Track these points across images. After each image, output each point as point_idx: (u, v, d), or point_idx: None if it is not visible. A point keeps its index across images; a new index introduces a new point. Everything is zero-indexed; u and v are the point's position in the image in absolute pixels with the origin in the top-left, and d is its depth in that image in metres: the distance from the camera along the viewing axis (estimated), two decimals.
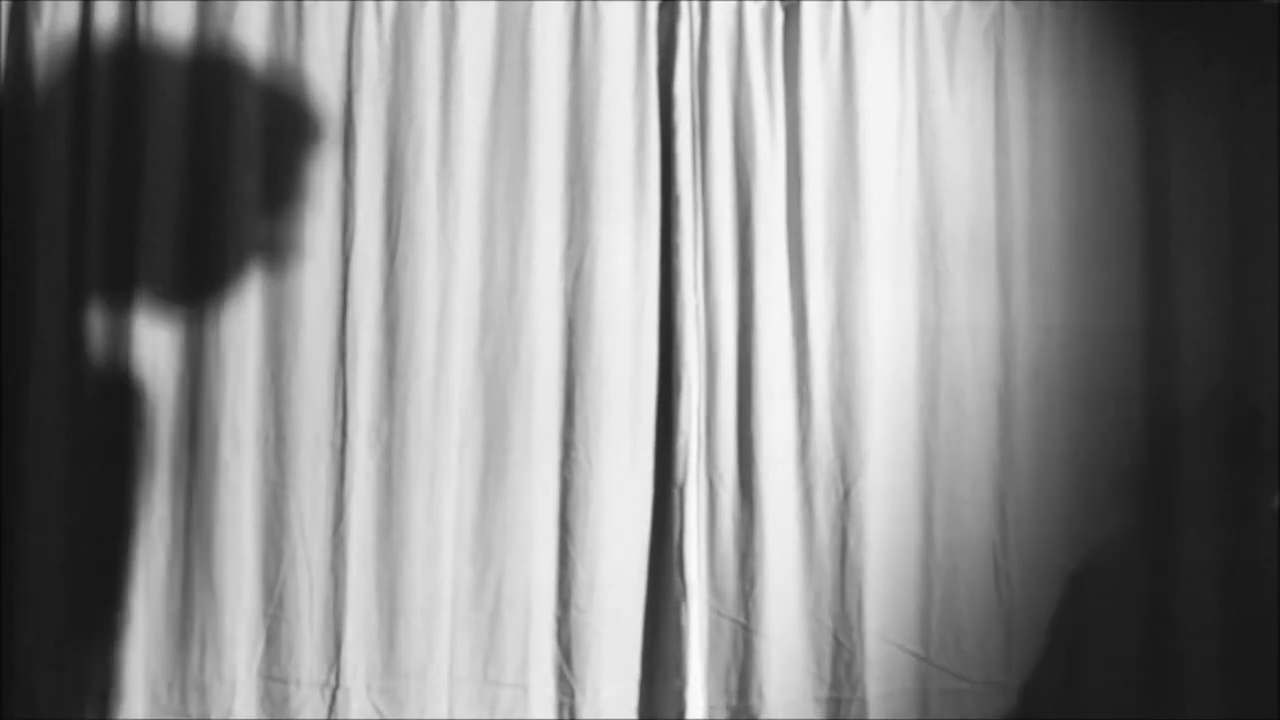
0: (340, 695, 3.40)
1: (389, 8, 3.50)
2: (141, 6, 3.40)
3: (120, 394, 3.34)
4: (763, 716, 3.53)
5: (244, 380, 3.39)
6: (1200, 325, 3.78)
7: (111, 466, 3.34)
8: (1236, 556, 3.76)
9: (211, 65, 3.41)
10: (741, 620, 3.55)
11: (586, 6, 3.57)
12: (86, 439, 3.34)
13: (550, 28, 3.55)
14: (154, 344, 3.37)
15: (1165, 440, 3.75)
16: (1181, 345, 3.76)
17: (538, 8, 3.54)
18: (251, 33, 3.43)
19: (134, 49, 3.39)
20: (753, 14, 3.64)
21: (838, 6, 3.68)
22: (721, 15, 3.63)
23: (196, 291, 3.40)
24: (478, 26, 3.52)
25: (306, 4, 3.46)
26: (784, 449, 3.59)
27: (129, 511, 3.33)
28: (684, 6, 3.61)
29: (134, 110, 3.39)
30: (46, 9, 3.38)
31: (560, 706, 3.49)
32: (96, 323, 3.36)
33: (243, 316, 3.40)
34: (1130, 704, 3.69)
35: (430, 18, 3.50)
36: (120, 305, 3.36)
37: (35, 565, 3.29)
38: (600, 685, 3.49)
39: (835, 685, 3.59)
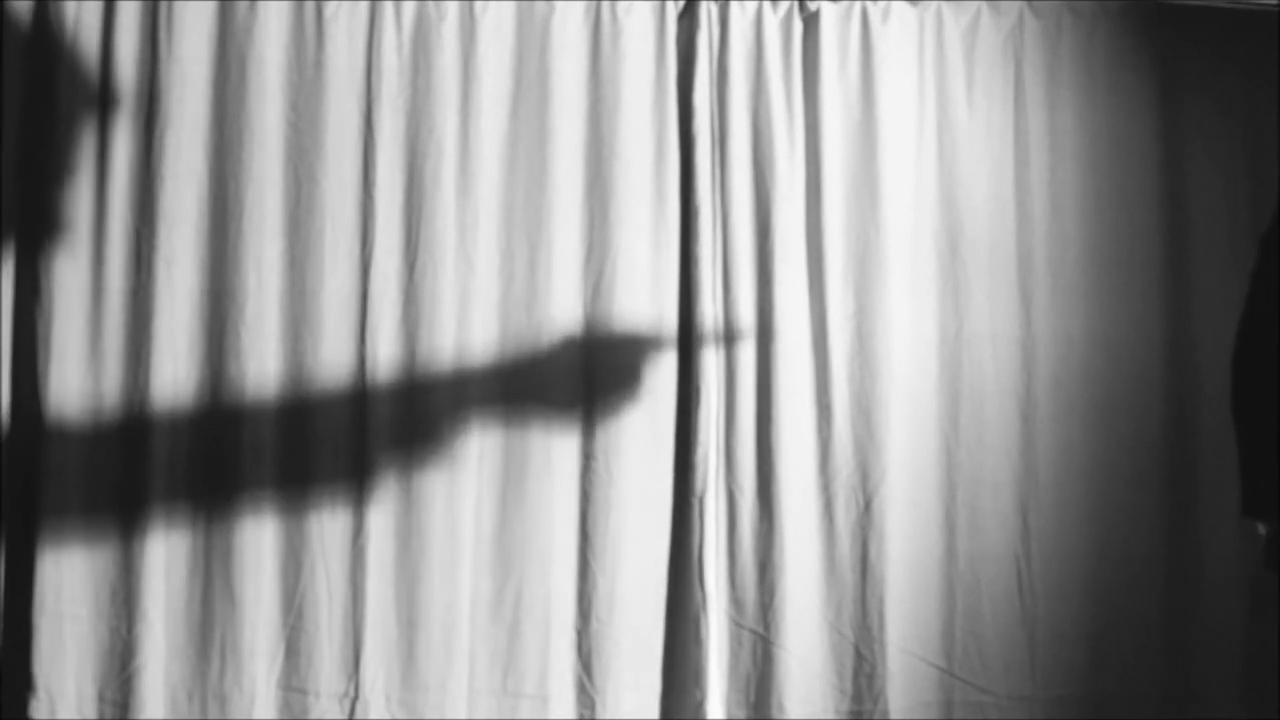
0: (359, 706, 3.39)
1: (408, 19, 3.51)
2: (162, 9, 3.42)
3: (140, 405, 3.35)
4: None
5: (263, 390, 3.40)
6: (1219, 334, 3.73)
7: (133, 476, 3.35)
8: (1257, 565, 3.72)
9: (232, 75, 3.43)
10: (761, 632, 3.53)
11: (606, 18, 3.58)
12: (107, 449, 3.35)
13: (569, 38, 3.56)
14: (174, 354, 3.37)
15: (1185, 449, 3.73)
16: (1201, 354, 3.74)
17: (557, 18, 3.55)
18: (271, 43, 3.44)
19: (154, 58, 3.40)
20: (771, 24, 3.64)
21: (857, 16, 3.68)
22: (740, 26, 3.63)
23: (216, 303, 3.41)
24: (497, 37, 3.53)
25: (326, 14, 3.48)
26: (804, 460, 3.58)
27: (150, 521, 3.33)
28: (703, 17, 3.62)
29: (154, 121, 3.40)
30: (70, 9, 3.39)
31: (580, 718, 3.47)
32: (115, 333, 3.37)
33: (262, 327, 3.41)
34: (1149, 710, 3.66)
35: (449, 29, 3.51)
36: (140, 314, 3.37)
37: (56, 573, 3.30)
38: (620, 697, 3.48)
39: (856, 698, 3.57)
